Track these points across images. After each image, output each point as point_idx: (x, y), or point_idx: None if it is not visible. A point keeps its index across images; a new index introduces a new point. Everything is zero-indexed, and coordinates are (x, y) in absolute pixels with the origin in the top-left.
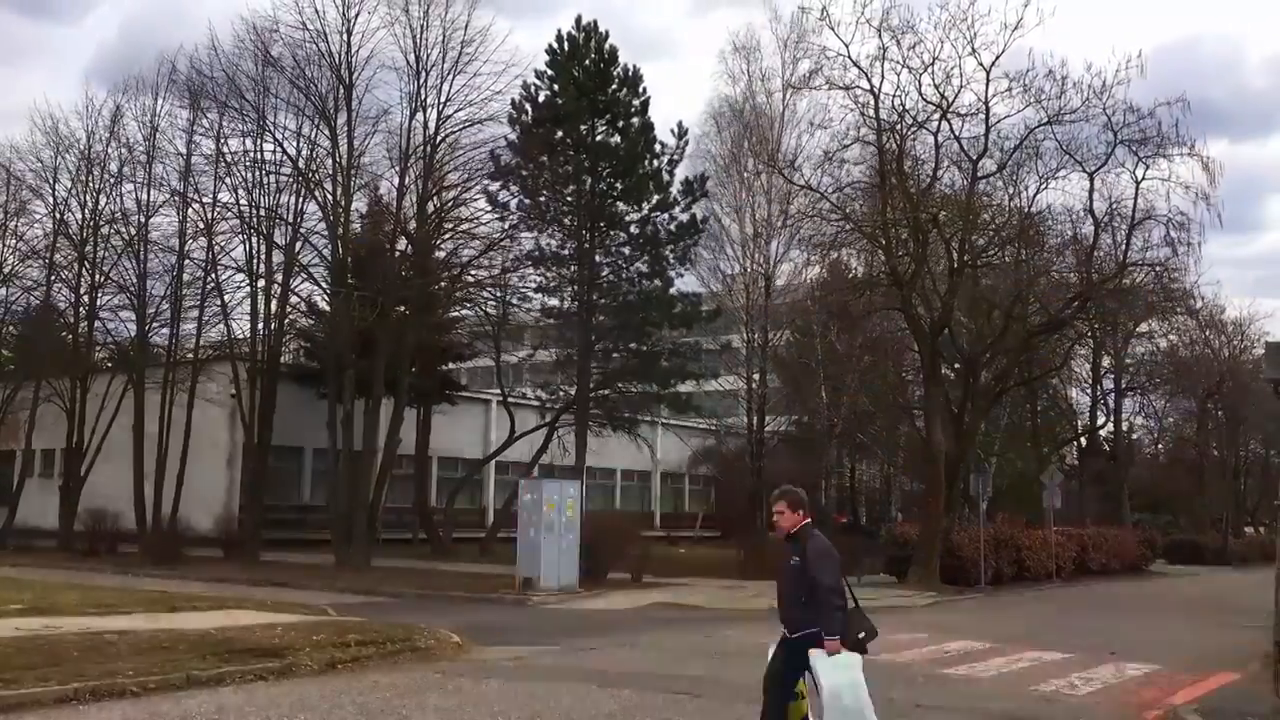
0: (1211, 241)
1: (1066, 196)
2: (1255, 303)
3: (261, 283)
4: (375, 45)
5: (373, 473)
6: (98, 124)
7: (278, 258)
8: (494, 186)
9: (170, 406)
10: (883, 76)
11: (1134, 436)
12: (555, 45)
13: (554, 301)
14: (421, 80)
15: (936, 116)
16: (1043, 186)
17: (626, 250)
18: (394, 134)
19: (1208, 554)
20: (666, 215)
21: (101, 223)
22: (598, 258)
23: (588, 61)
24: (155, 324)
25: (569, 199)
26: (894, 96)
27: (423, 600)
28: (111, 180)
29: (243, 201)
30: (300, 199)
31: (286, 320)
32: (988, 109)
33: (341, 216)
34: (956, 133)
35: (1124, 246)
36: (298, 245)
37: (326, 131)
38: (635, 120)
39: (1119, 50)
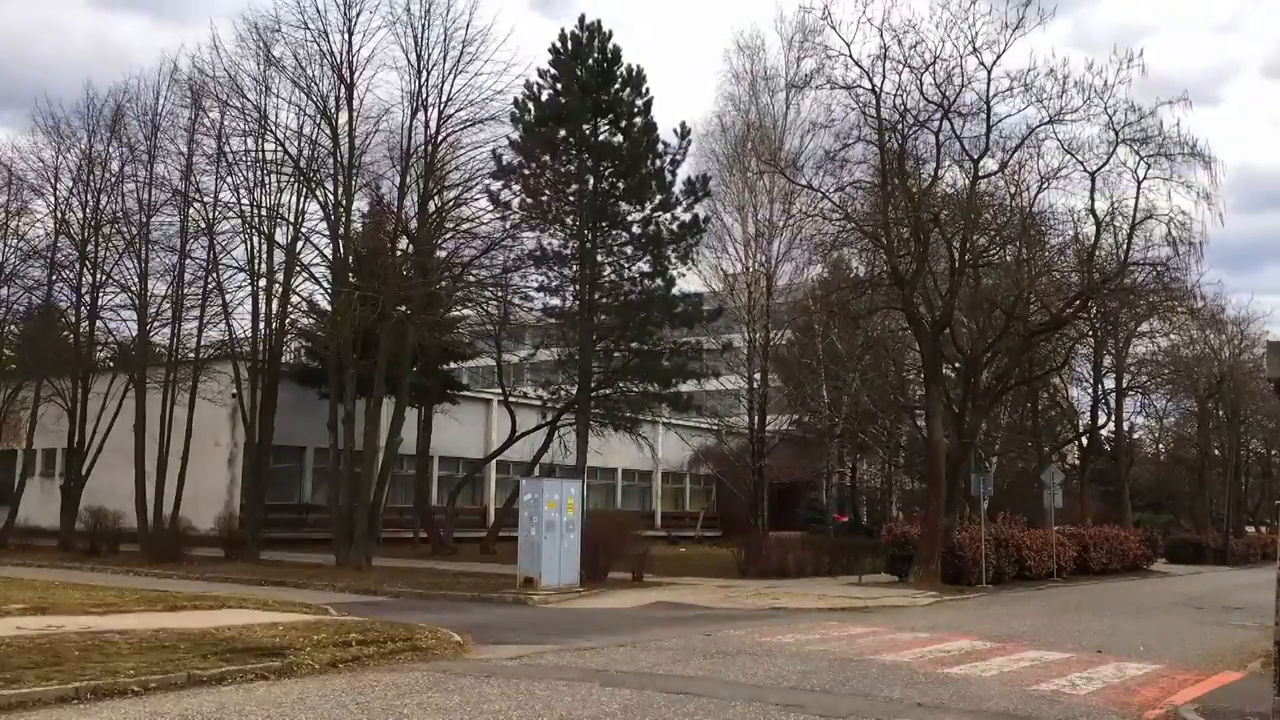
0: None
1: (1068, 196)
2: (1254, 300)
3: (263, 282)
4: (376, 44)
5: (374, 472)
6: (99, 123)
7: (279, 257)
8: (496, 185)
9: (171, 406)
10: (884, 76)
11: (1135, 436)
12: (559, 44)
13: (555, 301)
14: (423, 79)
15: (938, 116)
16: (1044, 186)
17: (628, 250)
18: (395, 133)
19: (1209, 553)
20: (669, 215)
21: (103, 222)
22: (599, 257)
23: (591, 61)
24: (156, 323)
25: (571, 198)
26: (895, 96)
27: (423, 599)
28: (113, 180)
29: (244, 201)
30: (301, 198)
31: (288, 320)
32: (989, 108)
33: (343, 216)
34: (958, 132)
35: (1125, 246)
36: (299, 245)
37: (328, 131)
38: (638, 120)
39: (1120, 49)
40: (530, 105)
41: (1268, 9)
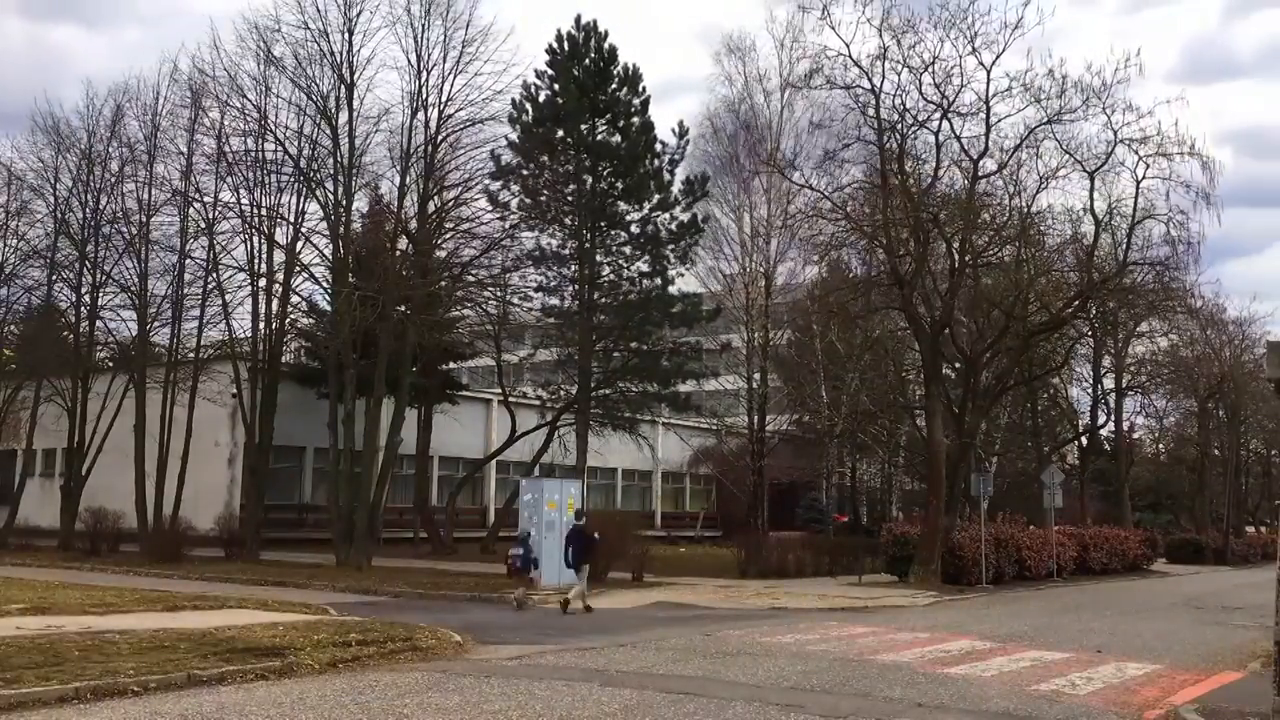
0: None
1: (1067, 196)
2: (1255, 301)
3: (263, 282)
4: (377, 44)
5: (373, 472)
6: (98, 123)
7: (279, 257)
8: (495, 186)
9: (171, 406)
10: (883, 76)
11: (1135, 436)
12: (555, 45)
13: (555, 301)
14: (423, 79)
15: (937, 116)
16: (1043, 186)
17: (627, 249)
18: (395, 133)
19: (1209, 553)
20: (667, 215)
21: (103, 222)
22: (598, 257)
23: (588, 61)
24: (156, 324)
25: (569, 198)
26: (894, 96)
27: (423, 600)
28: (112, 180)
29: (244, 201)
30: (301, 198)
31: (287, 320)
32: (988, 108)
33: (343, 216)
34: (957, 132)
35: (1124, 246)
36: (299, 245)
37: (328, 131)
38: (635, 120)
39: (1118, 49)
40: (528, 106)
41: (1158, 17)
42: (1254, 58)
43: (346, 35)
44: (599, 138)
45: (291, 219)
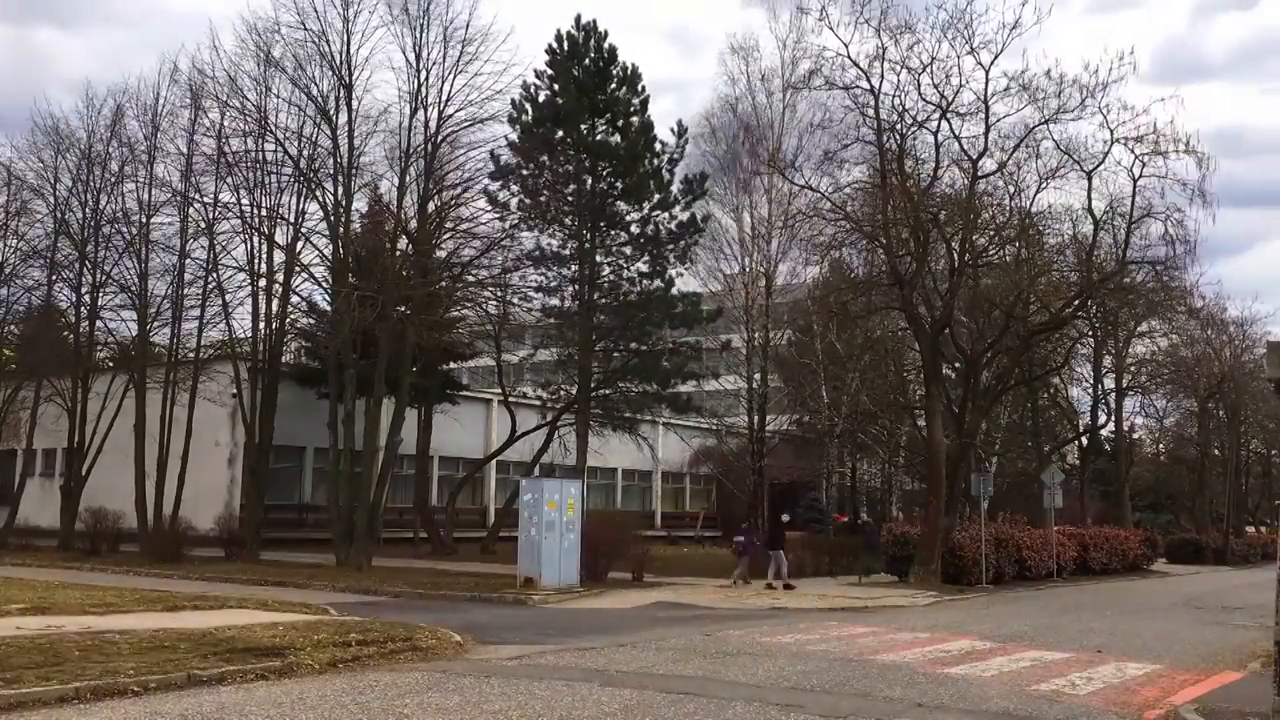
0: None
1: (1066, 195)
2: (1257, 301)
3: (262, 282)
4: (375, 45)
5: (373, 472)
6: (98, 124)
7: (279, 257)
8: (494, 186)
9: (171, 406)
10: (882, 76)
11: (1135, 436)
12: (555, 45)
13: (555, 301)
14: (422, 79)
15: (936, 116)
16: (1043, 186)
17: (627, 250)
18: (394, 134)
19: (1209, 553)
20: (667, 214)
21: (102, 222)
22: (598, 257)
23: (587, 61)
24: (156, 324)
25: (569, 198)
26: (894, 96)
27: (423, 600)
28: (112, 180)
29: (244, 201)
30: (301, 199)
31: (287, 320)
32: (987, 108)
33: (342, 216)
34: (956, 132)
35: (1123, 245)
36: (298, 245)
37: (327, 131)
38: (635, 119)
39: (1112, 48)
40: (528, 106)
41: (1129, 18)
42: (1224, 59)
43: (345, 36)
44: (599, 138)
45: (291, 219)
